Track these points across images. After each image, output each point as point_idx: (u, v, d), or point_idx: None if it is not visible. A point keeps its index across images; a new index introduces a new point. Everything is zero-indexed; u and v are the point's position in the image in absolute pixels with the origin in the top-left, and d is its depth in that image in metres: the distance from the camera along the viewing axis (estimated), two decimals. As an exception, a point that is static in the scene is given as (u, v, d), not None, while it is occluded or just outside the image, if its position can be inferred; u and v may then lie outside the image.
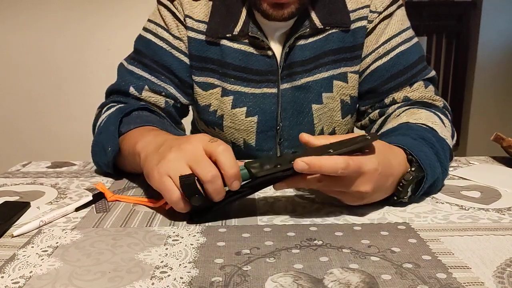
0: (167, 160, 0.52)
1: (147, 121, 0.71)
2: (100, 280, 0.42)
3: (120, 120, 0.71)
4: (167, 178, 0.52)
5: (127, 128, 0.69)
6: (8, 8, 2.14)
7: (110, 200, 0.62)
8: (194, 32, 0.83)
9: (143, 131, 0.67)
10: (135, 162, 0.62)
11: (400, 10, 0.84)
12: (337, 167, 0.50)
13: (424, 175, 0.58)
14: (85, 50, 2.18)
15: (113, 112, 0.75)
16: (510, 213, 0.57)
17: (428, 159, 0.59)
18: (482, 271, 0.43)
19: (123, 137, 0.69)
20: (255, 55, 0.82)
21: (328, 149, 0.53)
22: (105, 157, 0.70)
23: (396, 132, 0.67)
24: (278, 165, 0.52)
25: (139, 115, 0.75)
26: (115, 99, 0.83)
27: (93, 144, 0.73)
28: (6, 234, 0.52)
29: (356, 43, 0.83)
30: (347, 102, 0.86)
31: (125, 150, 0.67)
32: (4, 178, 0.73)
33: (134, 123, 0.70)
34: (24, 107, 2.25)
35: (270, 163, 0.53)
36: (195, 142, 0.53)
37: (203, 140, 0.53)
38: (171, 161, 0.52)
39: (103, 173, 0.74)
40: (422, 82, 0.83)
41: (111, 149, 0.68)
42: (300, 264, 0.44)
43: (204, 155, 0.52)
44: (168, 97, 0.83)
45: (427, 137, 0.63)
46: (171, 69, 0.83)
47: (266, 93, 0.83)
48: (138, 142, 0.62)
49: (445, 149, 0.65)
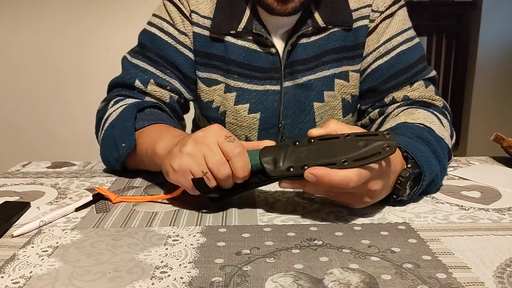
0: (184, 156, 0.54)
1: (161, 118, 0.72)
2: (100, 280, 0.42)
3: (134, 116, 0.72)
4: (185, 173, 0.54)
5: (142, 125, 0.70)
6: (8, 8, 2.14)
7: (115, 202, 0.61)
8: (199, 28, 0.83)
9: (159, 130, 0.67)
10: (153, 162, 0.64)
11: (402, 10, 0.84)
12: (349, 183, 0.49)
13: (421, 171, 0.58)
14: (85, 50, 2.18)
15: (128, 107, 0.75)
16: (510, 213, 0.57)
17: (424, 156, 0.59)
18: (482, 271, 0.43)
19: (138, 133, 0.69)
20: (259, 52, 0.82)
21: (344, 157, 0.50)
22: (117, 153, 0.70)
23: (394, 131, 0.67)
24: (290, 168, 0.52)
25: (152, 112, 0.75)
26: (120, 93, 0.82)
27: (104, 137, 0.73)
28: (6, 234, 0.52)
29: (358, 42, 0.83)
30: (348, 100, 0.86)
31: (142, 149, 0.67)
32: (4, 178, 0.73)
33: (148, 119, 0.71)
34: (24, 107, 2.25)
35: (283, 161, 0.53)
36: (210, 137, 0.55)
37: (219, 135, 0.55)
38: (186, 157, 0.54)
39: (103, 173, 0.74)
40: (422, 82, 0.83)
41: (125, 145, 0.68)
42: (300, 264, 0.44)
43: (218, 152, 0.54)
44: (173, 91, 0.83)
45: (424, 135, 0.63)
46: (176, 64, 0.83)
47: (269, 90, 0.83)
48: (159, 143, 0.63)
49: (443, 147, 0.65)
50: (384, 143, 0.50)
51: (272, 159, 0.54)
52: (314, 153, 0.52)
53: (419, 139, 0.62)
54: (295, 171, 0.52)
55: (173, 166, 0.55)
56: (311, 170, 0.50)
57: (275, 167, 0.53)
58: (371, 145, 0.51)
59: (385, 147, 0.50)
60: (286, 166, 0.52)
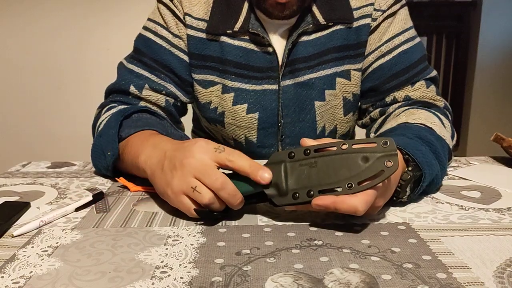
0: (176, 179, 0.53)
1: (148, 124, 0.71)
2: (101, 280, 0.42)
3: (120, 123, 0.71)
4: (182, 197, 0.53)
5: (128, 133, 0.69)
6: (8, 8, 2.14)
7: (132, 190, 0.66)
8: (193, 30, 0.83)
9: (142, 139, 0.65)
10: (141, 174, 0.63)
11: (403, 10, 0.85)
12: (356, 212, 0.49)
13: (422, 173, 0.58)
14: (85, 50, 2.18)
15: (113, 115, 0.75)
16: (510, 213, 0.57)
17: (425, 157, 0.59)
18: (482, 271, 0.43)
19: (124, 143, 0.68)
20: (256, 52, 0.82)
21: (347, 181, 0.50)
22: (105, 161, 0.70)
23: (393, 132, 0.68)
24: (296, 194, 0.52)
25: (139, 117, 0.74)
26: (115, 99, 0.83)
27: (93, 147, 0.73)
28: (6, 234, 0.52)
29: (360, 41, 0.83)
30: (349, 99, 0.86)
31: (127, 160, 0.66)
32: (4, 178, 0.73)
33: (134, 126, 0.70)
34: (24, 107, 2.25)
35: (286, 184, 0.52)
36: (198, 155, 0.53)
37: (208, 151, 0.53)
38: (179, 179, 0.53)
39: (103, 174, 0.74)
40: (423, 82, 0.83)
41: (110, 154, 0.68)
42: (300, 264, 0.44)
43: (210, 165, 0.52)
44: (168, 95, 0.83)
45: (424, 135, 0.63)
46: (171, 68, 0.83)
47: (267, 89, 0.83)
48: (140, 155, 0.61)
49: (444, 147, 0.65)
50: (385, 158, 0.49)
51: (274, 185, 0.52)
52: (315, 174, 0.51)
53: (420, 140, 0.62)
54: (301, 199, 0.51)
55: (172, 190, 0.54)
56: (317, 201, 0.50)
57: (279, 194, 0.52)
58: (372, 161, 0.50)
59: (387, 163, 0.49)
60: (291, 192, 0.52)
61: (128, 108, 0.77)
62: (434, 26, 2.51)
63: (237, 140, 0.88)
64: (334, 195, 0.50)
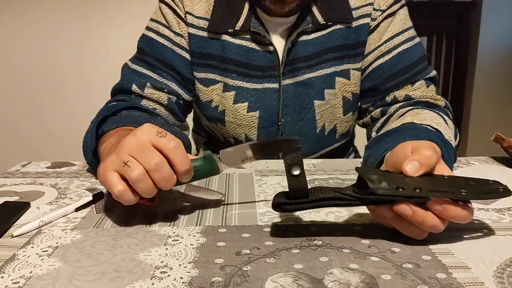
0: (112, 157, 0.51)
1: (134, 120, 0.69)
2: (101, 280, 0.42)
3: (105, 119, 0.71)
4: (110, 173, 0.50)
5: (109, 128, 0.67)
6: (8, 8, 2.14)
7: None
8: (194, 29, 0.83)
9: (118, 135, 0.62)
10: None
11: (403, 9, 0.85)
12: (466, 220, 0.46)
13: None
14: (85, 50, 2.18)
15: (100, 110, 0.75)
16: (510, 213, 0.57)
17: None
18: (482, 271, 0.43)
19: (103, 139, 0.66)
20: (257, 51, 0.82)
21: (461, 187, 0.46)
22: (87, 156, 0.70)
23: (403, 132, 0.66)
24: (400, 188, 0.45)
25: (127, 114, 0.73)
26: (118, 98, 0.83)
27: (82, 144, 0.72)
28: (6, 234, 0.52)
29: (359, 40, 0.84)
30: (349, 99, 0.86)
31: (101, 155, 0.64)
32: (4, 178, 0.73)
33: (118, 122, 0.68)
34: (24, 107, 2.25)
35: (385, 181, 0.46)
36: (140, 135, 0.51)
37: (150, 132, 0.51)
38: (115, 157, 0.51)
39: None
40: (423, 81, 0.83)
41: (89, 147, 0.68)
42: (300, 264, 0.44)
43: (148, 145, 0.50)
44: (170, 93, 0.84)
45: (434, 140, 0.63)
46: (173, 66, 0.84)
47: (268, 88, 0.84)
48: (103, 144, 0.61)
49: (450, 152, 0.65)
50: (496, 186, 0.47)
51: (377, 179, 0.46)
52: (418, 181, 0.46)
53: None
54: (406, 192, 0.45)
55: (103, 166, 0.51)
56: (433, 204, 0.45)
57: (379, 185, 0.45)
58: (483, 184, 0.47)
59: (499, 189, 0.47)
60: (394, 186, 0.45)
61: (118, 104, 0.77)
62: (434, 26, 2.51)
63: (237, 139, 0.88)
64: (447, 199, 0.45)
